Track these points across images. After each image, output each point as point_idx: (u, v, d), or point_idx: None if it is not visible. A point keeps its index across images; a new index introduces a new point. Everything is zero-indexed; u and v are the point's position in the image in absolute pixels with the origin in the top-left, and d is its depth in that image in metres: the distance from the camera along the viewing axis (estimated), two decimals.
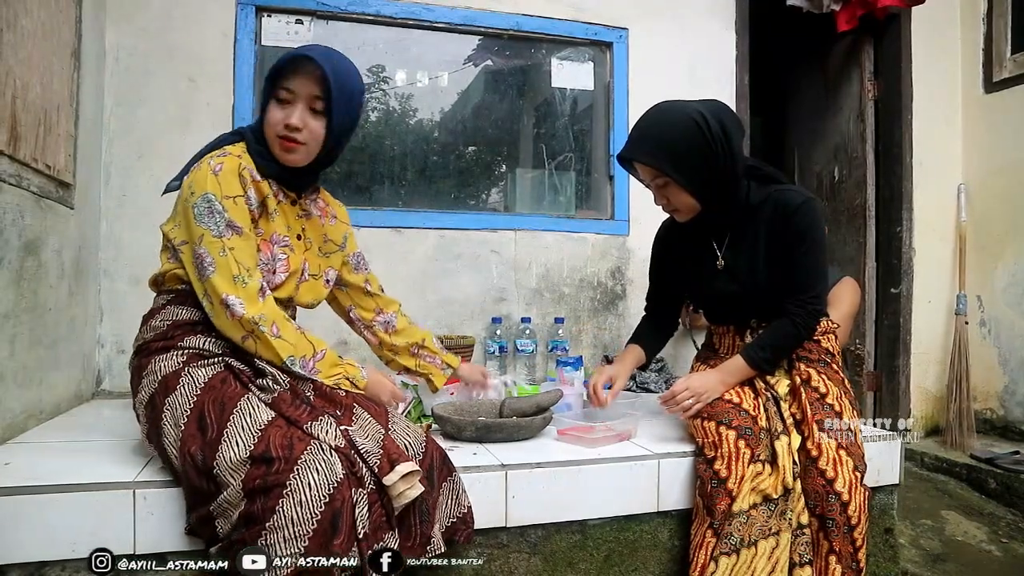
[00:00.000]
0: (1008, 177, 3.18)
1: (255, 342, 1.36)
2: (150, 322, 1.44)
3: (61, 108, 1.89)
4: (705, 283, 1.83)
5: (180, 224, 1.40)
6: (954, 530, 2.47)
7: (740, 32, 3.06)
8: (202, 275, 1.34)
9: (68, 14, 1.94)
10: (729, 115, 1.64)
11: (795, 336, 1.67)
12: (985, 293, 3.26)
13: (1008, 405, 3.15)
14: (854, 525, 1.51)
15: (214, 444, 1.21)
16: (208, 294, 1.35)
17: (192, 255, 1.36)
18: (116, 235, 2.35)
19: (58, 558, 1.24)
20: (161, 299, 1.47)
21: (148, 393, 1.35)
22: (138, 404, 1.40)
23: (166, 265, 1.46)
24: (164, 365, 1.37)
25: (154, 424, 1.33)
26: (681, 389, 1.65)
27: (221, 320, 1.35)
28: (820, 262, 1.68)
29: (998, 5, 3.25)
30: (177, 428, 1.27)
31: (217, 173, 1.36)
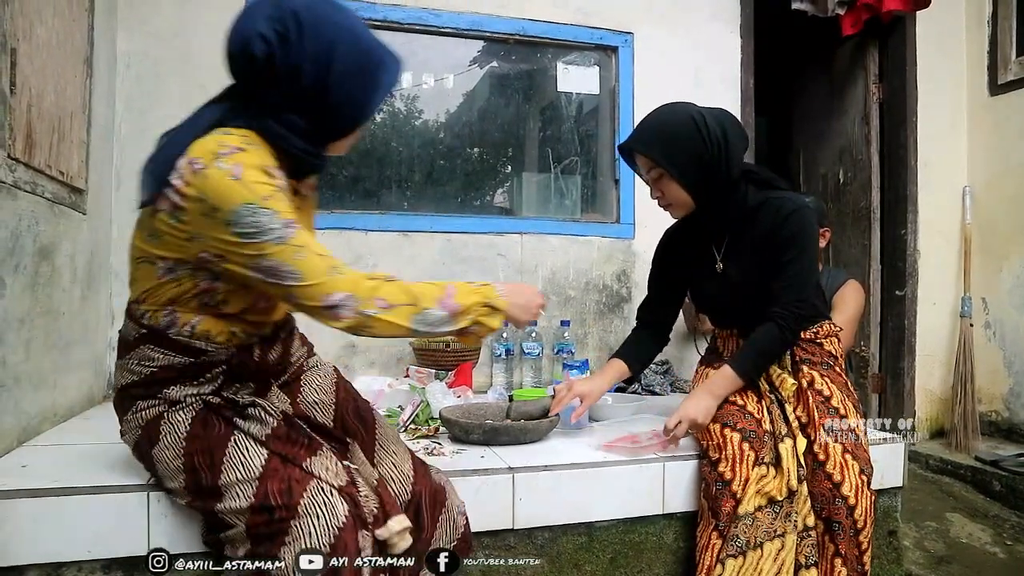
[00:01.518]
0: (1013, 179, 3.18)
1: (371, 330, 1.17)
2: (127, 362, 1.25)
3: (74, 115, 1.92)
4: (705, 287, 1.85)
5: (198, 238, 1.12)
6: (958, 532, 2.48)
7: (745, 36, 3.07)
8: (286, 284, 1.12)
9: (81, 23, 1.96)
10: (732, 122, 1.68)
11: (781, 341, 1.66)
12: (990, 295, 3.27)
13: (1013, 407, 3.16)
14: (860, 528, 1.53)
15: (214, 494, 1.16)
16: (300, 302, 1.15)
17: (252, 271, 1.12)
18: (127, 240, 2.35)
19: (75, 559, 1.27)
20: (134, 330, 1.23)
21: (133, 439, 1.28)
22: (128, 440, 1.30)
23: (152, 281, 1.19)
24: (144, 415, 1.25)
25: (150, 469, 1.29)
26: (675, 421, 1.62)
27: (326, 324, 1.17)
28: (809, 268, 1.68)
29: (1003, 8, 3.25)
30: (175, 482, 1.22)
31: (238, 178, 1.09)
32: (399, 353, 2.66)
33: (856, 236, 3.51)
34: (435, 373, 2.36)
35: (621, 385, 2.58)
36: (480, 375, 2.62)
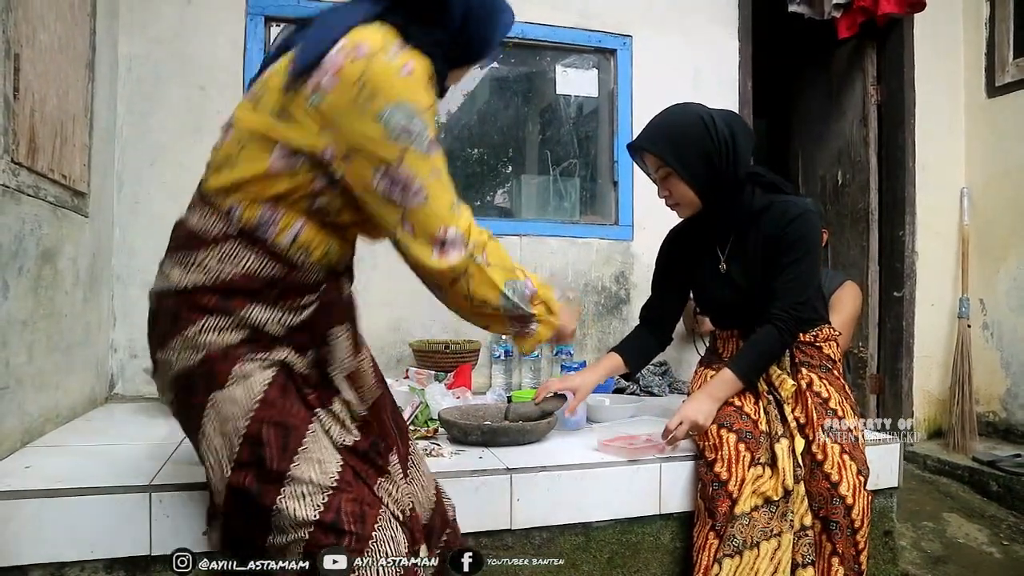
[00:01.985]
0: (1011, 181, 3.19)
1: (467, 282, 1.09)
2: (199, 258, 1.06)
3: (76, 119, 1.94)
4: (708, 287, 1.87)
5: (333, 127, 1.00)
6: (955, 532, 2.49)
7: (743, 39, 3.09)
8: (407, 204, 1.02)
9: (83, 27, 1.98)
10: (740, 124, 1.71)
11: (780, 342, 1.67)
12: (988, 296, 3.28)
13: (1010, 408, 3.17)
14: (857, 528, 1.54)
15: (275, 482, 1.01)
16: (414, 229, 1.04)
17: (379, 178, 1.01)
18: (129, 242, 2.39)
19: (77, 559, 1.28)
20: (216, 225, 1.06)
21: (183, 366, 1.07)
22: (170, 365, 1.08)
23: (257, 168, 1.02)
24: (213, 337, 1.05)
25: (188, 415, 1.10)
26: (676, 422, 1.63)
27: (427, 262, 1.05)
28: (810, 271, 1.69)
29: (1000, 10, 3.27)
30: (225, 441, 1.04)
31: (407, 75, 1.00)
32: (398, 354, 2.67)
33: (854, 237, 3.52)
34: (434, 374, 2.38)
35: (620, 386, 2.60)
36: (479, 376, 2.63)
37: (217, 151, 1.10)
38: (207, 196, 1.08)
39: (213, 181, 1.07)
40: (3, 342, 1.50)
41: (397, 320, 2.67)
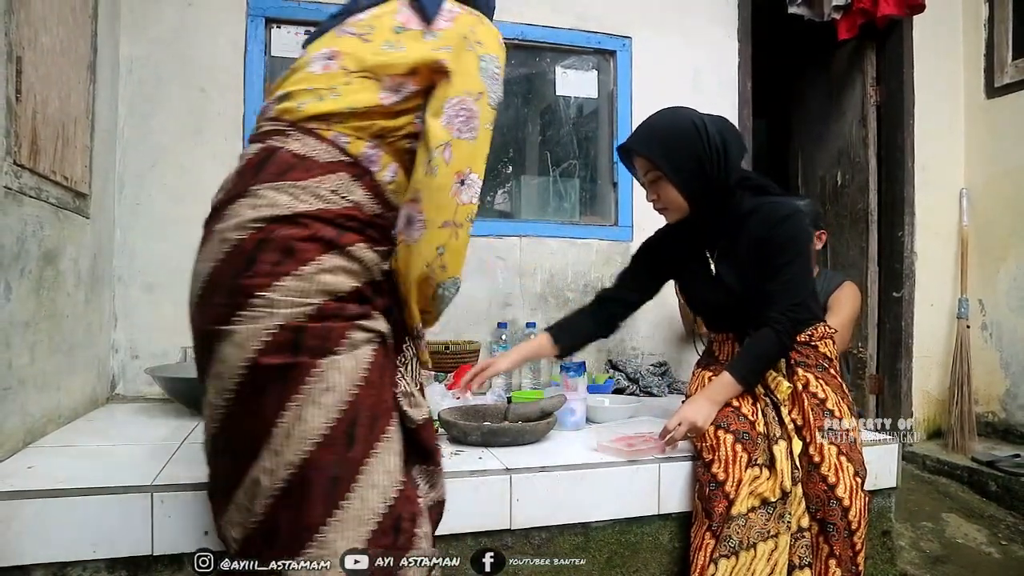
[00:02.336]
0: (1010, 181, 3.20)
1: (454, 238, 1.12)
2: (307, 181, 1.04)
3: (78, 121, 1.94)
4: (699, 291, 1.87)
5: (447, 47, 1.12)
6: (954, 532, 2.50)
7: (743, 40, 3.09)
8: (460, 134, 1.11)
9: (85, 29, 1.99)
10: (732, 131, 1.70)
11: (779, 346, 1.67)
12: (987, 297, 3.29)
13: (1009, 408, 3.18)
14: (854, 529, 1.55)
15: (353, 469, 1.00)
16: (452, 156, 1.10)
17: (455, 101, 1.10)
18: (130, 243, 2.40)
19: (80, 558, 1.29)
20: (327, 152, 1.08)
21: (293, 313, 0.99)
22: (254, 305, 0.99)
23: (368, 100, 1.10)
24: (330, 280, 1.02)
25: (280, 373, 0.99)
26: (675, 423, 1.64)
27: (442, 195, 1.10)
28: (803, 272, 1.70)
29: (999, 11, 3.27)
30: (318, 412, 0.99)
31: (501, 41, 1.19)
32: None
33: (854, 238, 3.53)
34: (434, 374, 2.38)
35: (619, 387, 2.61)
36: None
37: (312, 79, 1.11)
38: (303, 124, 1.09)
39: (312, 108, 1.09)
40: (6, 343, 1.51)
41: None
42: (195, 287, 1.06)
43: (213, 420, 1.05)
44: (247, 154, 1.11)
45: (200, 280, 1.04)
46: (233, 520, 1.04)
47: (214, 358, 1.01)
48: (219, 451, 1.07)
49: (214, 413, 1.04)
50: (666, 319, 2.89)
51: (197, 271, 1.06)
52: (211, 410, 1.05)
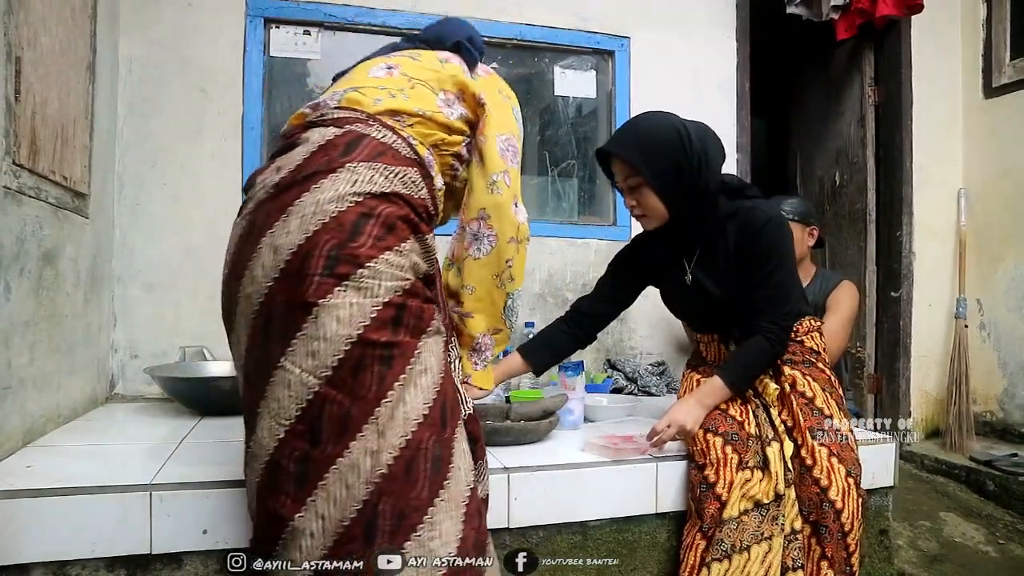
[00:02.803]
0: (1008, 181, 3.20)
1: (517, 253, 1.32)
2: (396, 167, 1.10)
3: (77, 121, 1.95)
4: (677, 297, 1.86)
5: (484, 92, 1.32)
6: (952, 531, 2.50)
7: (741, 40, 3.10)
8: (512, 164, 1.31)
9: (84, 29, 1.99)
10: (712, 137, 1.68)
11: (770, 354, 1.67)
12: (985, 297, 3.29)
13: (1007, 408, 3.18)
14: (847, 532, 1.54)
15: (449, 447, 1.03)
16: (511, 181, 1.30)
17: (503, 139, 1.30)
18: (129, 243, 2.41)
19: (79, 557, 1.29)
20: (406, 149, 1.16)
21: (394, 289, 1.02)
22: (360, 276, 0.99)
23: (428, 105, 1.26)
24: (417, 261, 1.08)
25: (384, 352, 1.00)
26: (663, 426, 1.63)
27: (508, 213, 1.29)
28: (789, 277, 1.69)
29: (997, 11, 3.28)
30: (418, 395, 1.01)
31: (516, 102, 1.43)
32: None
33: (852, 238, 3.53)
34: None
35: (618, 386, 2.62)
36: None
37: (380, 81, 1.24)
38: (379, 118, 1.18)
39: (388, 103, 1.20)
40: (5, 343, 1.52)
41: None
42: (273, 260, 1.02)
43: (294, 402, 0.99)
44: (326, 135, 1.12)
45: (284, 252, 1.00)
46: (320, 512, 0.97)
47: (308, 334, 0.98)
48: (292, 438, 0.99)
49: (297, 395, 0.98)
50: (665, 319, 2.90)
51: (277, 244, 1.01)
52: (289, 393, 0.99)
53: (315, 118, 1.18)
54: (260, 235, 1.04)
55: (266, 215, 1.05)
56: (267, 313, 1.03)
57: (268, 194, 1.08)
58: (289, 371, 0.99)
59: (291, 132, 1.22)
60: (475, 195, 1.27)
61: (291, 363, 0.99)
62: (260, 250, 1.03)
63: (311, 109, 1.22)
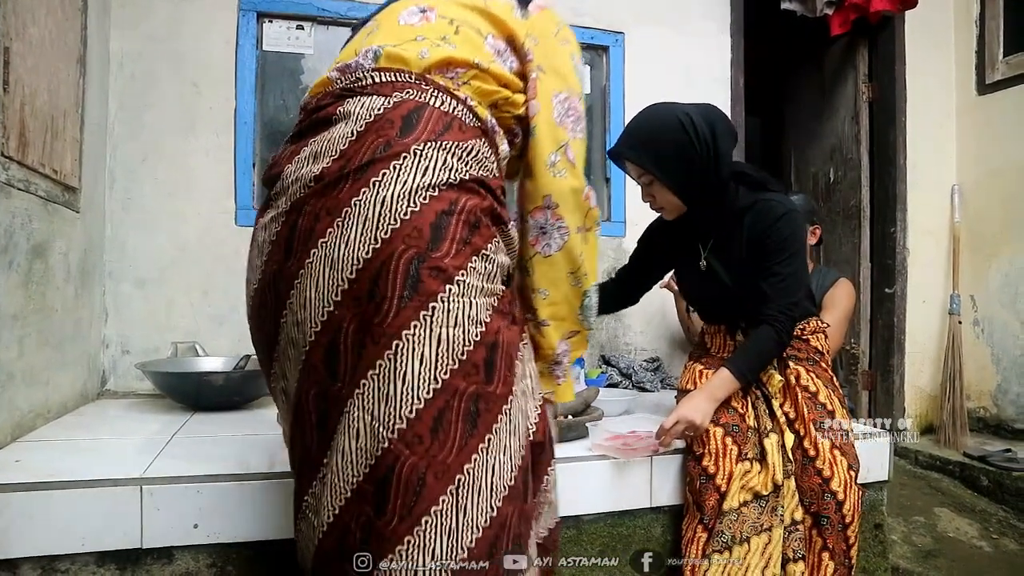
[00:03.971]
0: (1002, 178, 3.21)
1: (588, 243, 1.07)
2: (467, 144, 0.91)
3: (68, 114, 1.93)
4: (691, 283, 1.88)
5: (535, 37, 1.04)
6: (946, 526, 2.51)
7: (735, 35, 3.09)
8: (574, 133, 1.05)
9: (74, 22, 1.98)
10: (721, 119, 1.66)
11: (778, 343, 1.67)
12: (979, 293, 3.30)
13: (1001, 404, 3.19)
14: (848, 523, 1.55)
15: (527, 518, 0.92)
16: (575, 157, 1.04)
17: (561, 99, 1.03)
18: (120, 238, 2.39)
19: (68, 552, 1.28)
20: (469, 117, 0.95)
21: (483, 292, 0.87)
22: (452, 281, 0.83)
23: (477, 50, 0.98)
24: (504, 260, 0.93)
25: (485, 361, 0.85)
26: (673, 421, 1.61)
27: (577, 199, 1.04)
28: (799, 270, 1.70)
29: (990, 8, 3.28)
30: (523, 404, 0.92)
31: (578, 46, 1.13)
32: None
33: (846, 234, 3.53)
34: None
35: (613, 382, 2.61)
36: None
37: (417, 30, 0.98)
38: (430, 77, 0.94)
39: (436, 54, 0.94)
40: None
41: None
42: (331, 279, 0.83)
43: (363, 456, 0.82)
44: (372, 108, 0.89)
45: (347, 269, 0.82)
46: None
47: (384, 374, 0.81)
48: (358, 500, 0.83)
49: (366, 448, 0.81)
50: (658, 315, 2.89)
51: (335, 257, 0.83)
52: (357, 445, 0.82)
53: (349, 84, 0.94)
54: (307, 244, 0.85)
55: (311, 218, 0.86)
56: (330, 345, 0.84)
57: (309, 190, 0.87)
58: (358, 418, 0.82)
59: (319, 104, 0.96)
60: (536, 179, 1.01)
61: (361, 408, 0.82)
62: (310, 264, 0.85)
63: (340, 73, 0.97)
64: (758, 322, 1.67)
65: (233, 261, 2.45)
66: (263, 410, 2.10)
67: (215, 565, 1.35)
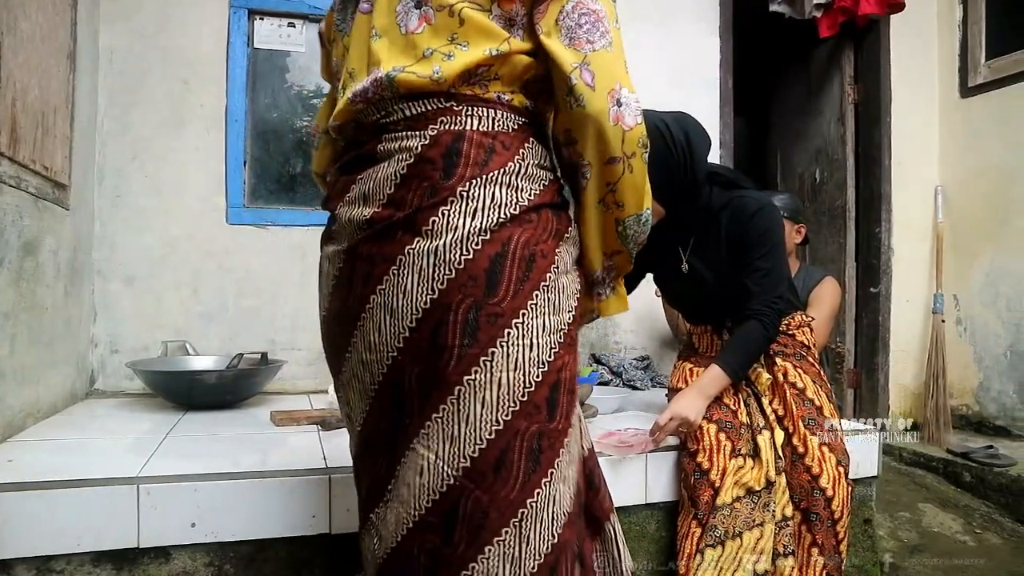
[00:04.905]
0: (984, 179, 3.26)
1: (628, 171, 0.91)
2: (513, 161, 0.88)
3: (58, 110, 1.91)
4: (673, 285, 1.88)
5: None
6: (930, 522, 2.55)
7: (724, 37, 3.12)
8: (593, 44, 0.87)
9: (64, 17, 1.96)
10: (694, 126, 1.68)
11: (765, 338, 1.68)
12: (961, 292, 3.35)
13: (983, 401, 3.24)
14: (837, 519, 1.57)
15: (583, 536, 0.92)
16: (594, 77, 0.86)
17: (570, 8, 0.87)
18: (110, 236, 2.37)
19: (64, 552, 1.27)
20: (505, 118, 0.90)
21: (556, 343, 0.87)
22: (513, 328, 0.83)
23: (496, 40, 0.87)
24: (568, 280, 0.91)
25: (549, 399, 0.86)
26: (667, 418, 1.63)
27: (600, 126, 0.87)
28: (780, 264, 1.71)
29: (973, 12, 3.34)
30: (566, 499, 0.88)
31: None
32: None
33: (832, 234, 3.57)
34: None
35: (603, 380, 2.63)
36: None
37: (420, 37, 0.88)
38: (456, 92, 0.87)
39: (450, 68, 0.86)
40: None
41: None
42: (393, 326, 0.85)
43: (426, 492, 0.85)
44: (411, 147, 0.86)
45: (407, 318, 0.83)
46: None
47: (447, 417, 0.83)
48: (422, 531, 0.86)
49: (431, 484, 0.84)
50: (649, 314, 2.91)
51: (395, 307, 0.84)
52: (422, 481, 0.85)
53: (380, 118, 0.90)
54: (365, 288, 0.87)
55: (368, 263, 0.87)
56: (396, 385, 0.87)
57: (363, 234, 0.88)
58: (423, 456, 0.84)
59: (358, 139, 0.95)
60: (559, 117, 0.92)
61: (425, 447, 0.84)
62: (371, 310, 0.86)
63: (364, 104, 0.90)
64: (744, 317, 1.69)
65: (223, 258, 2.44)
66: (255, 409, 2.10)
67: (212, 564, 1.34)
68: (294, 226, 2.51)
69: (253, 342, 2.40)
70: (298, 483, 1.38)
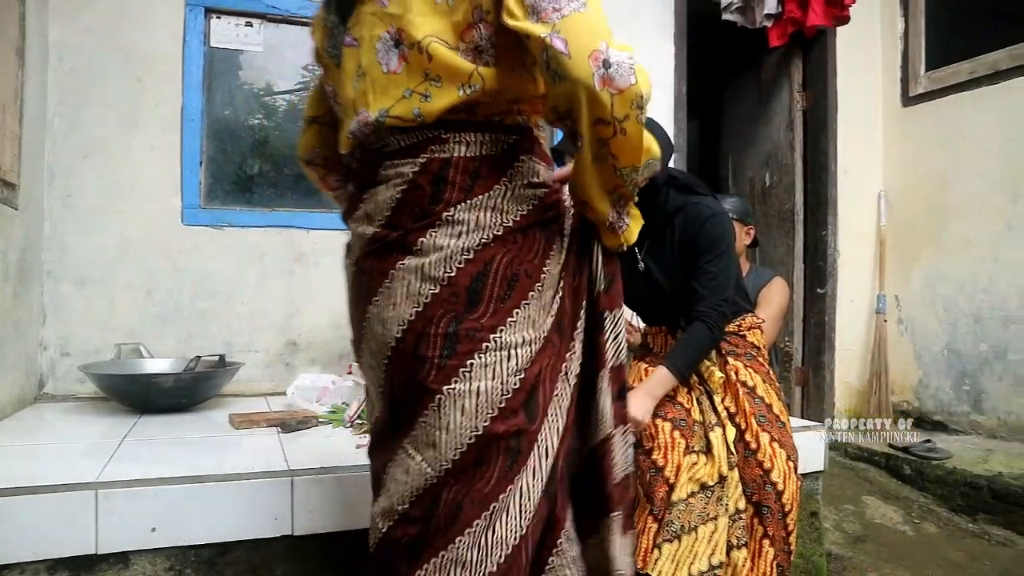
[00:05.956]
0: (925, 185, 3.41)
1: (621, 135, 0.86)
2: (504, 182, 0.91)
3: (6, 107, 1.87)
4: (630, 286, 1.93)
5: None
6: (873, 514, 2.66)
7: (678, 43, 3.20)
8: (556, 11, 0.83)
9: (12, 11, 1.91)
10: (659, 132, 1.72)
11: (711, 339, 1.74)
12: (903, 293, 3.50)
13: (922, 397, 3.39)
14: (787, 512, 1.63)
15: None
16: (567, 43, 0.82)
17: None
18: (60, 236, 2.31)
19: (19, 560, 1.25)
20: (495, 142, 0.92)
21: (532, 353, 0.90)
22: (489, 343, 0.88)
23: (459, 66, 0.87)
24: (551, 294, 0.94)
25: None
26: None
27: (584, 93, 0.83)
28: (728, 269, 1.77)
29: (914, 25, 3.48)
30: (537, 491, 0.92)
31: None
32: (340, 351, 2.66)
33: (781, 237, 3.69)
34: None
35: None
36: None
37: (397, 78, 0.89)
38: (443, 119, 0.88)
39: (426, 110, 0.88)
40: None
41: (339, 317, 2.66)
42: (383, 336, 0.91)
43: (409, 489, 0.90)
44: (403, 173, 0.90)
45: (394, 330, 0.89)
46: None
47: (430, 423, 0.87)
48: (404, 523, 0.91)
49: (414, 482, 0.89)
50: None
51: (385, 318, 0.90)
52: (407, 479, 0.90)
53: (380, 147, 0.94)
54: (367, 299, 0.93)
55: (368, 276, 0.93)
56: (390, 390, 0.93)
57: (366, 249, 0.94)
58: (410, 455, 0.90)
59: (363, 157, 0.99)
60: (547, 97, 0.90)
61: (412, 448, 0.90)
62: (369, 319, 0.93)
63: (363, 138, 0.95)
64: (690, 319, 1.75)
65: (179, 259, 2.41)
66: (212, 411, 2.08)
67: (173, 568, 1.34)
68: (251, 227, 2.48)
69: (209, 344, 2.37)
70: (260, 485, 1.38)
